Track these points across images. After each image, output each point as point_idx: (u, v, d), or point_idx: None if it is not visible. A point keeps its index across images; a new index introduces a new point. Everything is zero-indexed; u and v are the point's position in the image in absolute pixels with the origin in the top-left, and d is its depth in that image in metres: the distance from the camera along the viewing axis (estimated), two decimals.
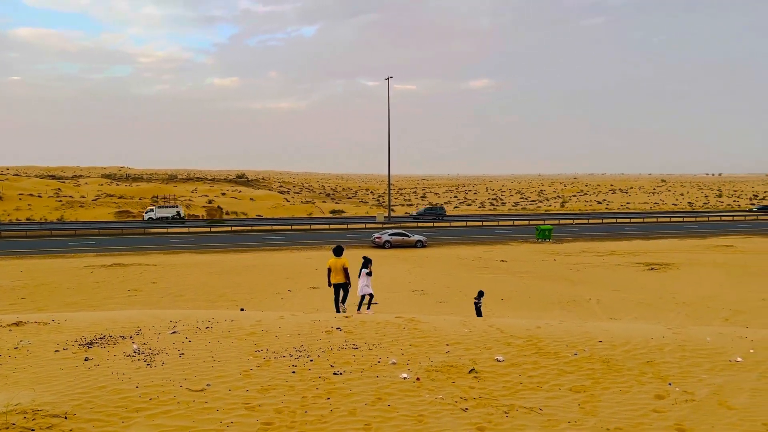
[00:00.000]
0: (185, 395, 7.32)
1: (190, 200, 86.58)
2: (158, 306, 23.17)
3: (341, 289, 14.43)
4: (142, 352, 9.13)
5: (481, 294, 18.56)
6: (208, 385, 7.69)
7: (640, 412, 7.32)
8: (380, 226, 63.08)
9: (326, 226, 63.70)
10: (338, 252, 14.33)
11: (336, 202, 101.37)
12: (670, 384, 8.36)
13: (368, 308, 15.07)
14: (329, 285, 14.39)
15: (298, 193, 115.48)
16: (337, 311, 14.47)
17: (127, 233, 57.55)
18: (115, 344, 9.62)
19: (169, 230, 59.10)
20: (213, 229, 60.22)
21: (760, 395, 7.96)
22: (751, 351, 10.08)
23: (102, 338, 9.96)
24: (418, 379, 8.28)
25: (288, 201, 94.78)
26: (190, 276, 31.76)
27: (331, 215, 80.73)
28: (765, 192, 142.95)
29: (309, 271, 33.11)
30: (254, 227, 62.83)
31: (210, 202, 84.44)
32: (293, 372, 8.38)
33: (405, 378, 8.26)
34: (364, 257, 15.32)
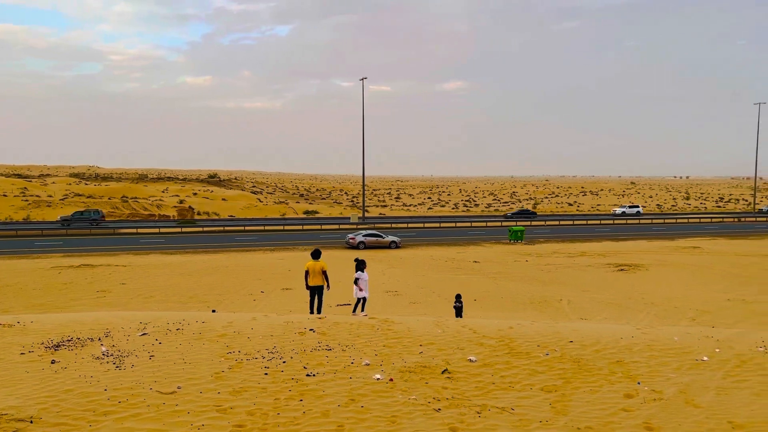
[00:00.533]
0: (155, 398, 7.22)
1: (161, 200, 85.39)
2: (128, 307, 22.79)
3: (317, 292, 14.45)
4: (111, 354, 8.96)
5: (459, 297, 18.61)
6: (178, 388, 7.59)
7: (609, 411, 7.43)
8: (354, 227, 63.01)
9: (300, 227, 63.38)
10: (316, 255, 14.41)
11: (310, 203, 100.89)
12: (638, 383, 8.51)
13: (362, 310, 14.93)
14: (306, 287, 14.41)
15: (271, 193, 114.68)
16: (311, 312, 14.43)
17: (95, 233, 56.52)
18: (82, 346, 9.43)
19: (140, 230, 58.19)
20: (184, 230, 59.47)
21: (725, 393, 8.14)
22: (717, 350, 10.31)
23: (69, 340, 9.76)
24: (391, 379, 8.29)
25: (261, 201, 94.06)
26: (161, 277, 31.31)
27: (304, 216, 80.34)
28: (730, 194, 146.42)
29: (282, 272, 32.90)
30: (226, 228, 62.22)
31: (181, 202, 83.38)
32: (266, 374, 8.32)
33: (378, 379, 8.26)
34: (357, 259, 15.10)
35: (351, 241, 46.15)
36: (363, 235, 46.89)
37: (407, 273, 32.87)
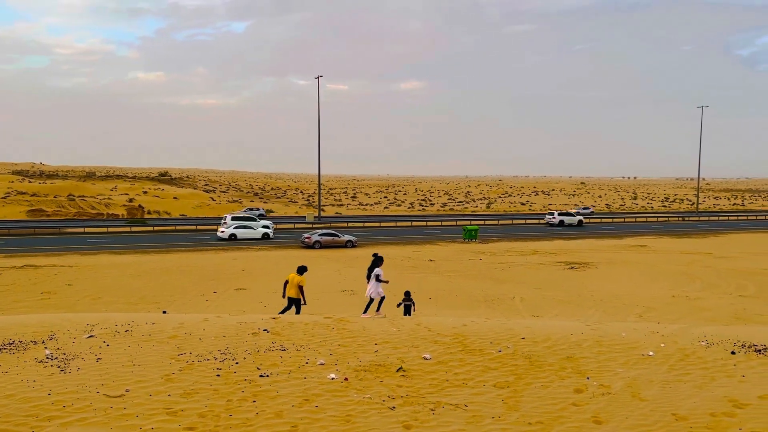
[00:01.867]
0: (102, 401, 7.01)
1: (109, 199, 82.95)
2: (74, 309, 22.05)
3: (294, 303, 15.18)
4: (56, 358, 8.66)
5: (408, 295, 18.24)
6: (127, 391, 7.39)
7: (560, 405, 7.59)
8: (310, 226, 62.62)
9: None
10: (300, 271, 15.25)
11: (264, 202, 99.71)
12: (588, 378, 8.72)
13: (377, 310, 15.38)
14: (283, 296, 15.26)
15: (224, 192, 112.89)
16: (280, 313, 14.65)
17: (40, 233, 54.51)
18: (25, 350, 9.08)
19: (87, 230, 56.42)
20: (134, 229, 57.97)
21: (669, 387, 8.43)
22: (662, 345, 10.65)
23: (11, 344, 9.38)
24: (346, 379, 8.27)
25: (214, 200, 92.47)
26: (109, 278, 30.44)
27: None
28: (675, 194, 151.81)
29: (235, 272, 32.43)
30: (178, 227, 60.93)
31: (131, 200, 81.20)
32: (218, 375, 8.18)
33: (333, 378, 8.22)
34: (375, 254, 15.84)
35: (306, 240, 45.85)
36: (319, 235, 46.66)
37: (363, 272, 32.78)
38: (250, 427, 6.53)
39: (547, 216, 72.58)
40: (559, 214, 70.82)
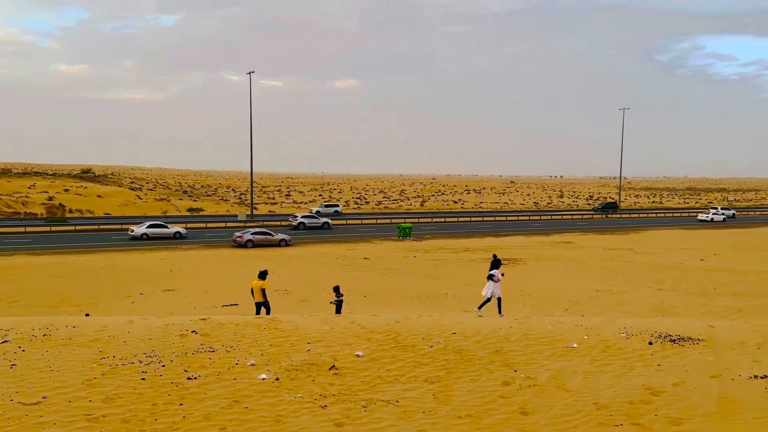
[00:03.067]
0: (17, 409, 6.64)
1: (26, 196, 78.63)
2: None
3: (262, 306, 15.85)
4: None
5: (337, 290, 17.74)
6: (44, 398, 7.03)
7: (488, 398, 7.78)
8: (242, 224, 61.47)
9: (183, 225, 60.94)
10: (262, 276, 16.12)
11: (194, 200, 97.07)
12: (515, 371, 8.97)
13: (498, 312, 16.13)
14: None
15: (152, 189, 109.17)
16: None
17: None
18: None
19: (2, 230, 53.28)
20: (54, 229, 55.22)
21: (592, 377, 8.78)
22: (585, 337, 11.09)
23: None
24: (277, 379, 8.17)
25: (140, 198, 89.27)
26: (27, 280, 28.87)
27: (188, 213, 77.25)
28: (599, 193, 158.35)
29: (163, 273, 31.45)
30: (102, 226, 58.49)
31: (51, 198, 77.26)
32: (143, 378, 7.91)
33: (264, 379, 8.11)
34: (494, 255, 17.19)
35: (239, 239, 44.98)
36: (251, 233, 45.86)
37: (297, 271, 32.58)
38: (177, 431, 6.35)
39: (290, 218, 62.03)
40: (303, 217, 60.95)
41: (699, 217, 75.36)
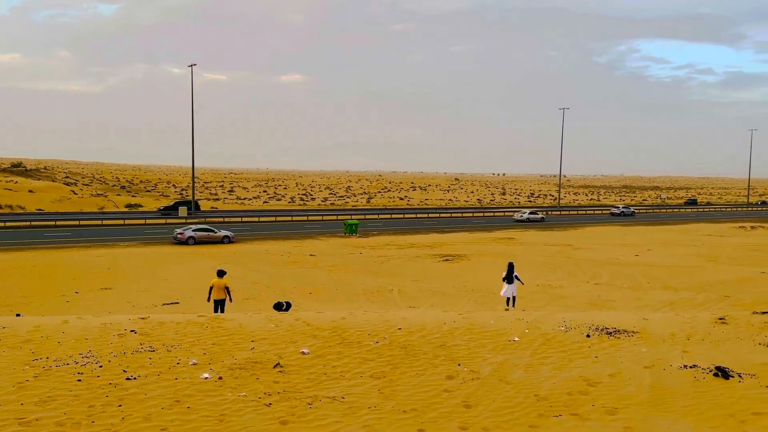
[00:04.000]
0: None
1: None
2: None
3: (220, 304, 16.57)
4: None
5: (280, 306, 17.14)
6: None
7: (433, 392, 7.87)
8: (183, 221, 60.02)
9: (121, 221, 58.94)
10: (221, 274, 16.97)
11: (133, 195, 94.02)
12: (459, 365, 9.12)
13: (513, 306, 18.42)
14: (208, 300, 16.70)
15: (87, 185, 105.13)
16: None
17: None
18: None
19: None
20: None
21: (532, 370, 9.02)
22: (527, 331, 11.37)
23: None
24: (220, 378, 8.03)
25: (75, 194, 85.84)
26: None
27: (126, 210, 74.82)
28: (539, 190, 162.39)
29: (100, 271, 30.37)
30: (33, 222, 55.98)
31: None
32: (79, 380, 7.64)
33: (206, 378, 7.96)
34: (510, 264, 20.35)
35: (179, 236, 43.88)
36: (193, 230, 44.80)
37: (241, 268, 32.05)
38: None
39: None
40: None
41: (515, 218, 73.68)
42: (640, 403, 7.63)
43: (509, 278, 20.10)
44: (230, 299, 16.91)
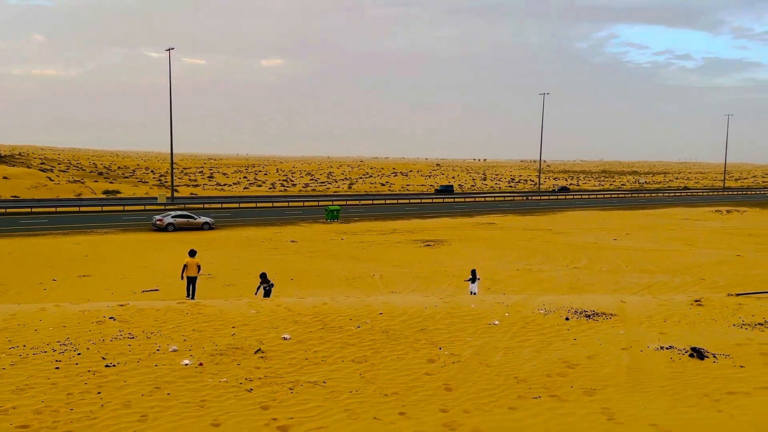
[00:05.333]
0: None
1: None
2: None
3: (192, 282, 18.19)
4: None
5: (264, 277, 17.18)
6: None
7: (414, 376, 7.92)
8: (162, 207, 59.40)
9: (99, 208, 58.17)
10: (192, 254, 18.72)
11: (110, 182, 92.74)
12: (440, 348, 9.18)
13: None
14: (182, 278, 18.35)
15: (64, 171, 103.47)
16: (188, 297, 17.35)
17: None
18: None
19: None
20: None
21: (512, 352, 9.11)
22: (506, 314, 11.48)
23: None
24: (201, 364, 8.00)
25: (52, 180, 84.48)
26: None
27: (104, 196, 73.81)
28: (520, 175, 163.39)
29: (78, 258, 29.99)
30: (9, 209, 55.02)
31: None
32: (57, 368, 7.56)
33: (187, 364, 7.92)
34: (473, 270, 20.04)
35: (159, 222, 43.42)
36: (172, 216, 44.35)
37: (222, 255, 31.86)
38: (95, 420, 6.12)
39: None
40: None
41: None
42: (617, 384, 7.76)
43: (473, 279, 20.33)
44: (200, 271, 19.04)
